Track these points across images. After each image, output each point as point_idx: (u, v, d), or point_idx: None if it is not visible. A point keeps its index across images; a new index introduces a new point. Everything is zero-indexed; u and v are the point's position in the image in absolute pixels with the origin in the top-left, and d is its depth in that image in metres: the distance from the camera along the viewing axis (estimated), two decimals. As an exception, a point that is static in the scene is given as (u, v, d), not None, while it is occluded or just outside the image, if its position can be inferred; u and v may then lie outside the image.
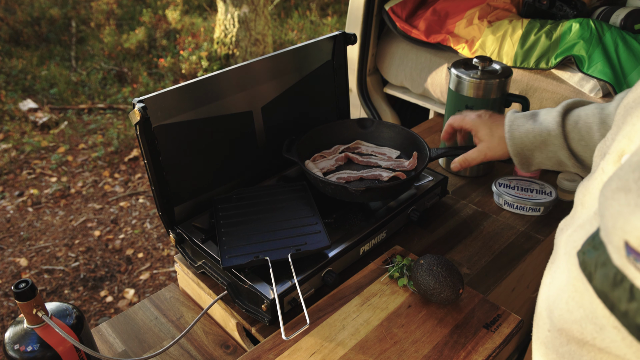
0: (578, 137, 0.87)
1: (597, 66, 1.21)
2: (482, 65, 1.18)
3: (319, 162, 1.14)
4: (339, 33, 1.17)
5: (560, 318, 0.44)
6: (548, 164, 0.92)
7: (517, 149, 0.93)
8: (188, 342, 0.93)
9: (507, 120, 0.95)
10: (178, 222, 1.00)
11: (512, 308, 1.17)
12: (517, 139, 0.92)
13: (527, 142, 0.92)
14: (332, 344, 0.80)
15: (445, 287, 0.82)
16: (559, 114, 0.89)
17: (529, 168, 0.95)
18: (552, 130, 0.88)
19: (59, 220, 2.77)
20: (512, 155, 0.94)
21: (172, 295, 1.04)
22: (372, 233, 1.00)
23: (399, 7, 1.57)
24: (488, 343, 0.80)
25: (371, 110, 1.75)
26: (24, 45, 4.78)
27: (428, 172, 1.16)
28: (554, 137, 0.88)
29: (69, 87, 4.09)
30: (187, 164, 0.99)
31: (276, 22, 5.39)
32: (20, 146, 3.37)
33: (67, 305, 0.79)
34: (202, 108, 0.98)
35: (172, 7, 5.42)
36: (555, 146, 0.89)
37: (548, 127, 0.89)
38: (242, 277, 0.87)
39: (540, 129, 0.90)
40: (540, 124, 0.90)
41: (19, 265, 2.47)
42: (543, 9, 1.42)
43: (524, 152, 0.93)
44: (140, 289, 2.36)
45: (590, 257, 0.39)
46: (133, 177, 3.15)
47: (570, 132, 0.88)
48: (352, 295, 0.89)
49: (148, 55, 4.67)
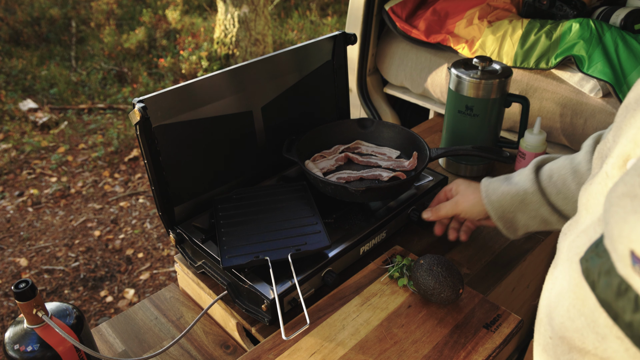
0: (555, 190, 0.88)
1: (597, 66, 1.21)
2: (482, 65, 1.18)
3: (319, 162, 1.14)
4: (339, 33, 1.17)
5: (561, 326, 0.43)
6: (534, 225, 0.92)
7: (498, 213, 0.93)
8: (188, 342, 0.93)
9: (482, 186, 0.96)
10: (178, 222, 1.00)
11: (512, 308, 1.17)
12: (496, 203, 0.93)
13: (506, 205, 0.92)
14: (332, 344, 0.80)
15: (445, 287, 0.82)
16: (531, 172, 0.90)
17: (516, 233, 0.95)
18: (528, 189, 0.89)
19: (59, 220, 2.77)
20: (495, 221, 0.95)
21: (172, 295, 1.04)
22: (372, 233, 1.00)
23: (399, 7, 1.57)
24: (488, 343, 0.80)
25: (371, 110, 1.75)
26: (24, 45, 4.78)
27: (428, 172, 1.16)
28: (531, 194, 0.89)
29: (69, 87, 4.09)
30: (187, 164, 0.99)
31: (276, 22, 5.39)
32: (20, 146, 3.37)
33: (67, 305, 0.79)
34: (202, 108, 0.98)
35: (172, 7, 5.42)
36: (536, 204, 0.89)
37: (524, 186, 0.90)
38: (242, 277, 0.87)
39: (516, 190, 0.91)
40: (516, 184, 0.91)
41: (19, 265, 2.47)
42: (543, 9, 1.42)
43: (506, 215, 0.93)
44: (140, 289, 2.37)
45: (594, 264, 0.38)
46: (133, 177, 3.15)
47: (546, 187, 0.89)
48: (352, 295, 0.89)
49: (148, 55, 4.67)
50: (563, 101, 1.29)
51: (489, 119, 1.22)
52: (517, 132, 1.37)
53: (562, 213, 0.89)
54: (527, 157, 1.22)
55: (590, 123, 1.26)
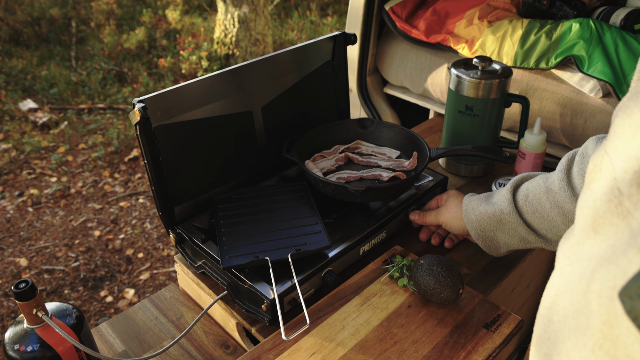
0: (531, 210, 0.88)
1: (597, 66, 1.21)
2: (482, 65, 1.18)
3: (319, 162, 1.14)
4: (339, 33, 1.17)
5: None
6: (514, 244, 0.93)
7: (477, 232, 0.95)
8: (188, 342, 0.93)
9: (463, 204, 0.97)
10: (178, 222, 1.00)
11: (512, 308, 1.17)
12: (475, 222, 0.94)
13: (484, 224, 0.94)
14: (332, 344, 0.80)
15: (445, 287, 0.82)
16: (508, 191, 0.91)
17: (498, 251, 0.97)
18: (505, 208, 0.90)
19: (59, 220, 2.77)
20: (475, 239, 0.97)
21: (172, 295, 1.04)
22: (372, 233, 1.00)
23: (399, 7, 1.57)
24: (488, 343, 0.80)
25: (371, 110, 1.75)
26: (24, 45, 4.78)
27: (428, 172, 1.16)
28: (507, 214, 0.90)
29: (69, 87, 4.09)
30: (187, 164, 0.99)
31: (276, 22, 5.39)
32: (20, 146, 3.37)
33: (67, 305, 0.79)
34: (202, 108, 0.98)
35: (172, 7, 5.42)
36: (513, 223, 0.90)
37: (500, 206, 0.91)
38: (242, 277, 0.87)
39: (493, 210, 0.92)
40: (493, 205, 0.92)
41: (19, 265, 2.47)
42: (543, 9, 1.42)
43: (485, 234, 0.94)
44: (140, 289, 2.37)
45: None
46: (133, 177, 3.15)
47: (522, 207, 0.90)
48: (352, 295, 0.89)
49: (148, 55, 4.67)
50: (563, 101, 1.29)
51: (489, 119, 1.22)
52: (517, 132, 1.37)
53: (539, 232, 0.89)
54: (527, 157, 1.22)
55: (590, 123, 1.26)
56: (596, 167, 0.44)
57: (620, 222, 0.38)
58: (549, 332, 0.44)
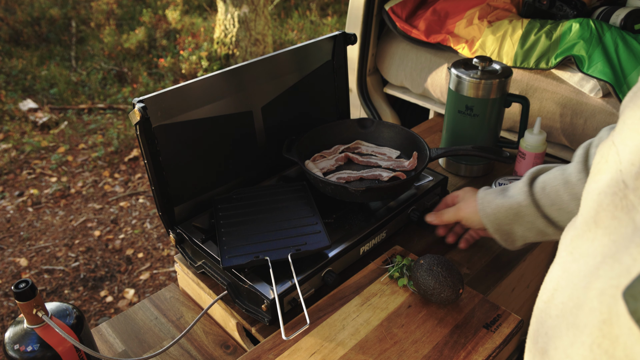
0: (549, 202, 0.87)
1: (597, 66, 1.21)
2: (482, 65, 1.18)
3: (319, 162, 1.14)
4: (339, 33, 1.17)
5: None
6: (531, 236, 0.92)
7: (494, 225, 0.94)
8: (188, 342, 0.93)
9: (479, 198, 0.96)
10: (178, 222, 1.00)
11: (512, 308, 1.17)
12: (491, 216, 0.93)
13: (501, 217, 0.93)
14: (332, 344, 0.80)
15: (445, 287, 0.82)
16: (525, 184, 0.90)
17: (514, 244, 0.96)
18: (522, 201, 0.89)
19: (59, 220, 2.77)
20: (492, 233, 0.95)
21: (172, 295, 1.04)
22: (372, 233, 1.00)
23: (399, 7, 1.57)
24: (488, 343, 0.80)
25: (371, 110, 1.75)
26: (24, 45, 4.78)
27: (428, 172, 1.16)
28: (525, 207, 0.89)
29: (69, 87, 4.09)
30: (187, 164, 0.99)
31: (276, 22, 5.39)
32: (20, 146, 3.37)
33: (67, 305, 0.79)
34: (203, 108, 0.98)
35: (172, 7, 5.42)
36: (531, 216, 0.89)
37: (517, 199, 0.90)
38: (242, 277, 0.87)
39: (510, 203, 0.91)
40: (510, 198, 0.91)
41: (19, 265, 2.47)
42: (543, 9, 1.42)
43: (502, 227, 0.93)
44: (140, 289, 2.37)
45: None
46: (133, 177, 3.15)
47: (540, 199, 0.89)
48: (352, 295, 0.89)
49: (148, 55, 4.67)
50: (563, 101, 1.29)
51: (489, 119, 1.22)
52: (517, 132, 1.37)
53: (558, 224, 0.88)
54: (527, 157, 1.22)
55: (590, 123, 1.26)
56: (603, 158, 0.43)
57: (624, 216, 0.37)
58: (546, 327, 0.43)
